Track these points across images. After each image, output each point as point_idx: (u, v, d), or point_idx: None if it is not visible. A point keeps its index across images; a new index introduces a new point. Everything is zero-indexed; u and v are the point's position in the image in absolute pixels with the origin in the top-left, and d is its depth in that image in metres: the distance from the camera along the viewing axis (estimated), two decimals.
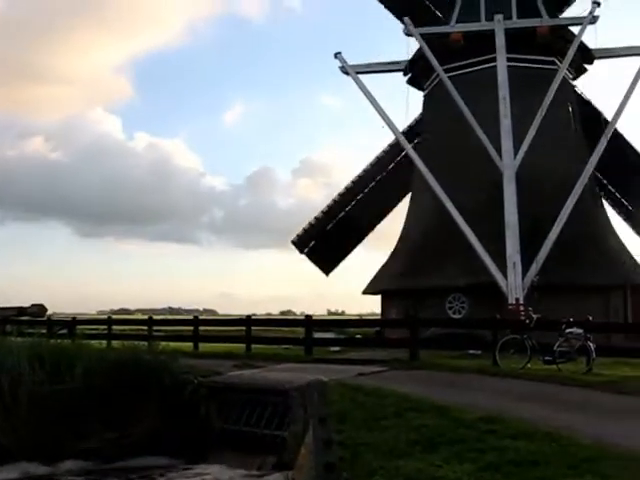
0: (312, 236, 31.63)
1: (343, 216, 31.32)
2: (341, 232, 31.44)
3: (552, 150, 25.59)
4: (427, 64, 26.87)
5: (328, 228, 31.43)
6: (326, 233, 31.47)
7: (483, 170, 24.77)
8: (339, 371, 13.80)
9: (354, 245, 33.25)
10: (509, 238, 23.12)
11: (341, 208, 31.34)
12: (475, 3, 28.03)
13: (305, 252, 31.72)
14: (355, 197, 31.32)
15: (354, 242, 33.13)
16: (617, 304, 25.54)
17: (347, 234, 31.85)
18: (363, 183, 31.33)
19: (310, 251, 31.85)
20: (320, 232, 31.50)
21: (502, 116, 24.45)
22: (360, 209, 31.36)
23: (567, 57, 25.76)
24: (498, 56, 25.49)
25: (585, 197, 25.26)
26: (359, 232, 32.83)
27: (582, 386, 12.58)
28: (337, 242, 31.87)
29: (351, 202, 31.35)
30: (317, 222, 31.43)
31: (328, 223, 31.46)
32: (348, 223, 31.39)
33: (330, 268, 33.10)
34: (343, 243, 32.43)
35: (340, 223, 31.40)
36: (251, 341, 21.35)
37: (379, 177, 31.32)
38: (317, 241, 31.65)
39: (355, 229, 32.16)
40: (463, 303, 24.65)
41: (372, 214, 32.36)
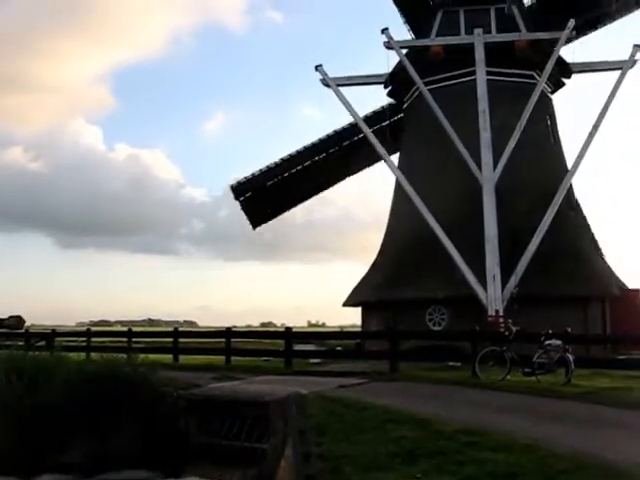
0: (251, 187, 31.66)
1: (285, 178, 31.32)
2: (279, 192, 31.56)
3: (531, 163, 25.78)
4: (407, 77, 27.00)
5: (268, 184, 31.43)
6: (265, 188, 31.48)
7: (463, 182, 24.90)
8: (319, 383, 13.78)
9: (287, 208, 33.75)
10: (489, 251, 23.26)
11: (285, 170, 31.26)
12: (455, 17, 28.24)
13: (240, 200, 31.75)
14: (302, 164, 31.24)
15: (288, 205, 33.55)
16: (596, 315, 25.72)
17: (284, 196, 32.10)
18: (313, 153, 31.28)
19: (245, 200, 31.88)
20: (259, 186, 31.50)
21: (482, 129, 24.64)
22: (303, 176, 31.38)
23: (545, 71, 26.02)
24: (478, 69, 25.70)
25: (564, 209, 25.48)
26: (296, 198, 33.18)
27: (561, 397, 12.68)
28: (273, 200, 32.16)
29: (296, 167, 31.29)
30: (259, 175, 31.43)
31: (269, 180, 31.43)
32: (288, 186, 31.45)
33: (259, 222, 33.51)
34: (278, 203, 32.77)
35: (280, 183, 31.41)
36: (231, 353, 21.34)
37: (331, 151, 31.32)
38: (254, 193, 31.67)
39: (293, 194, 32.43)
40: (443, 315, 24.71)
41: (313, 185, 32.67)
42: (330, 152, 31.39)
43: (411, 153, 28.79)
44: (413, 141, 29.00)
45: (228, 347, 21.49)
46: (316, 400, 10.44)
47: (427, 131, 26.97)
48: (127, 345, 23.43)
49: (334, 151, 31.40)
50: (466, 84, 26.29)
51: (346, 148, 31.17)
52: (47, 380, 8.95)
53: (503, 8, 27.77)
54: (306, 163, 31.31)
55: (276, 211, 33.57)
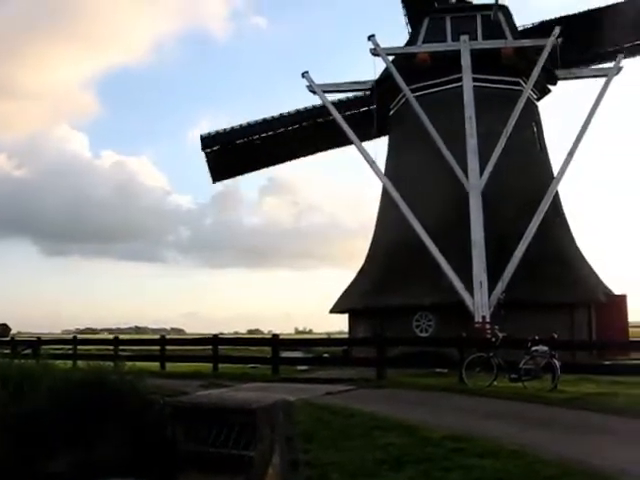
0: (221, 141, 31.22)
1: (256, 140, 30.91)
2: (247, 153, 31.22)
3: (517, 169, 25.88)
4: (393, 84, 27.06)
5: (238, 142, 31.06)
6: (234, 146, 31.06)
7: (449, 189, 24.96)
8: (306, 390, 13.79)
9: (251, 170, 33.62)
10: (475, 257, 23.33)
11: (257, 132, 30.88)
12: (441, 24, 28.36)
13: (206, 151, 31.22)
14: (275, 130, 30.92)
15: (252, 167, 33.32)
16: (582, 321, 25.81)
17: (252, 157, 31.74)
18: (287, 122, 30.93)
19: (212, 153, 31.34)
20: (229, 142, 31.09)
21: (468, 135, 24.72)
22: (274, 142, 31.01)
23: (531, 78, 26.16)
24: (464, 76, 25.81)
25: (550, 215, 25.56)
26: (262, 161, 32.89)
27: (547, 403, 12.73)
28: (239, 159, 31.76)
29: (269, 132, 30.95)
30: (231, 131, 31.07)
31: (240, 139, 31.08)
32: (258, 149, 31.11)
33: (220, 177, 33.08)
34: (244, 163, 32.42)
35: (250, 144, 31.02)
36: (218, 360, 21.28)
37: (305, 124, 31.04)
38: (222, 148, 31.18)
39: (261, 157, 32.11)
40: (430, 321, 24.75)
41: (282, 152, 32.25)
42: (304, 125, 31.01)
43: (398, 159, 28.83)
44: (399, 147, 29.05)
45: (215, 354, 21.45)
46: (303, 407, 10.43)
47: (414, 138, 27.03)
48: (114, 353, 23.35)
49: (308, 125, 31.04)
50: (452, 91, 26.38)
51: (321, 125, 30.61)
52: (33, 388, 8.91)
53: (489, 15, 27.92)
54: (279, 130, 30.92)
55: (240, 170, 33.16)
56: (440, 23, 28.46)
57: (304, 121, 30.85)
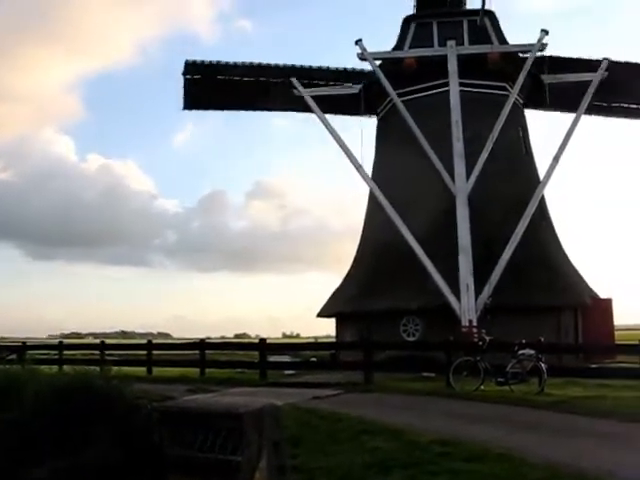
0: (203, 72, 30.38)
1: (238, 82, 30.01)
2: (226, 90, 30.31)
3: (504, 173, 25.98)
4: (380, 88, 27.13)
5: (218, 77, 30.18)
6: (215, 80, 30.18)
7: (436, 193, 25.03)
8: (293, 395, 13.76)
9: (223, 108, 32.35)
10: (462, 261, 23.40)
11: (241, 74, 30.06)
12: (428, 29, 28.44)
13: (186, 77, 30.22)
14: (257, 77, 30.02)
15: (227, 106, 32.05)
16: (568, 324, 25.91)
17: (229, 96, 30.72)
18: (272, 74, 29.91)
19: (191, 80, 30.33)
20: (211, 75, 30.29)
21: (455, 140, 24.82)
22: (256, 89, 29.96)
23: (517, 83, 26.31)
24: (451, 81, 25.92)
25: (536, 219, 25.67)
26: (238, 103, 31.55)
27: (534, 407, 12.76)
28: (216, 94, 30.75)
29: (250, 77, 29.97)
30: (217, 65, 30.25)
31: (222, 75, 30.24)
32: (237, 90, 30.21)
33: (191, 106, 31.55)
34: (220, 99, 31.20)
35: (230, 83, 30.14)
36: (205, 365, 21.22)
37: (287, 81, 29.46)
38: (203, 78, 30.32)
39: (238, 99, 30.95)
40: (417, 325, 24.78)
41: (260, 101, 30.83)
42: (286, 82, 29.61)
43: (385, 163, 28.88)
44: (387, 151, 29.09)
45: (202, 359, 21.39)
46: (291, 412, 10.41)
47: (401, 142, 27.06)
48: (100, 358, 23.20)
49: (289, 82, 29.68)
50: (439, 95, 26.47)
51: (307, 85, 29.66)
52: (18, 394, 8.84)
53: (475, 20, 28.05)
54: (261, 78, 29.97)
55: (213, 105, 32.11)
56: (427, 28, 28.54)
57: (288, 77, 29.57)
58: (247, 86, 30.03)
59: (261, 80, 29.95)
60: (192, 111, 31.72)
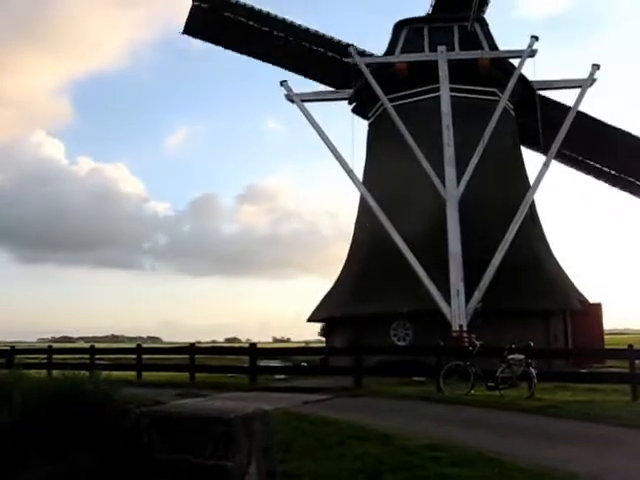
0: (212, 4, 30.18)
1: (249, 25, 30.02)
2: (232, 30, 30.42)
3: (494, 178, 26.06)
4: (372, 93, 27.18)
5: (226, 15, 29.97)
6: (222, 17, 30.07)
7: (427, 198, 25.04)
8: (284, 399, 13.74)
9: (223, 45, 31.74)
10: (452, 266, 23.45)
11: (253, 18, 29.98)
12: (419, 34, 28.54)
13: (195, 3, 29.89)
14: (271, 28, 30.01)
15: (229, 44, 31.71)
16: (558, 329, 26.03)
17: (234, 36, 30.80)
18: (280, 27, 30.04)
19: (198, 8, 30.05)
20: (221, 8, 30.09)
21: (445, 145, 24.90)
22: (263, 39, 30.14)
23: (507, 88, 26.41)
24: (441, 86, 26.02)
25: (526, 224, 25.77)
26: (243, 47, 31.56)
27: (524, 411, 12.80)
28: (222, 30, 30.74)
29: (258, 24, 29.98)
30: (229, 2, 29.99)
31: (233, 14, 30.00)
32: (245, 33, 30.24)
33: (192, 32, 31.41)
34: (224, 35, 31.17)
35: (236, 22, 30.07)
36: (195, 369, 21.16)
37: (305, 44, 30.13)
38: (210, 10, 30.12)
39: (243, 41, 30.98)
40: (407, 330, 24.81)
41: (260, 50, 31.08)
42: (303, 44, 30.17)
43: (376, 167, 28.91)
44: (378, 156, 29.14)
45: (192, 363, 21.33)
46: (281, 416, 10.39)
47: (392, 146, 27.11)
48: (90, 362, 23.16)
49: (295, 44, 30.25)
50: (430, 100, 26.58)
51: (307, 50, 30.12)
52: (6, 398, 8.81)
53: (466, 26, 28.17)
54: (265, 28, 30.03)
55: (215, 39, 31.80)
56: (418, 33, 28.64)
57: (294, 38, 29.98)
58: (256, 31, 30.08)
59: (265, 30, 30.01)
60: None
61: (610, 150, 30.56)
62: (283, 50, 30.21)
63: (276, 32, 29.93)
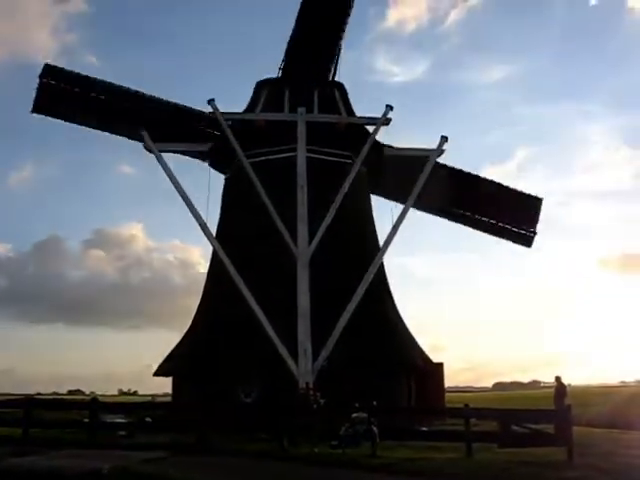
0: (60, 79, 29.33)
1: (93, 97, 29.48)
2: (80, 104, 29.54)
3: (346, 238, 26.78)
4: (230, 148, 27.35)
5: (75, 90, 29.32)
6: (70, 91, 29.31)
7: (280, 255, 25.31)
8: (124, 457, 13.35)
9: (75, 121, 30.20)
10: (301, 324, 23.70)
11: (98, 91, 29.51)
12: (281, 94, 29.13)
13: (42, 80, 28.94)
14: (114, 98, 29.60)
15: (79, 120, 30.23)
16: (403, 387, 26.72)
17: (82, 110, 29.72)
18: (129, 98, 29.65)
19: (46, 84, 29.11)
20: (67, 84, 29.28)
21: (299, 204, 25.31)
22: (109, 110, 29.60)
23: (361, 153, 27.34)
24: (299, 146, 26.53)
25: (376, 284, 26.50)
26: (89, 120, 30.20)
27: (364, 469, 13.10)
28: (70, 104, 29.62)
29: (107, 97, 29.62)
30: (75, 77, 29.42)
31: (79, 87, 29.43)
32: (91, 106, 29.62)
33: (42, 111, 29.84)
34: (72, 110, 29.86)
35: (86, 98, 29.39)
36: (31, 425, 20.07)
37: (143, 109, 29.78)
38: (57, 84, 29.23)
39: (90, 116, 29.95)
40: (255, 387, 24.68)
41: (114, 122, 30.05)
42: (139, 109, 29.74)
43: (230, 223, 28.93)
44: (233, 210, 29.22)
45: (28, 418, 20.22)
46: (119, 476, 10.11)
47: (247, 202, 27.32)
48: None
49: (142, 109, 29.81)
50: (287, 159, 27.00)
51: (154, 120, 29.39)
52: None
53: (326, 90, 29.12)
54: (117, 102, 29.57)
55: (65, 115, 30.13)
56: (279, 93, 29.22)
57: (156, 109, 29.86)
58: (100, 105, 29.64)
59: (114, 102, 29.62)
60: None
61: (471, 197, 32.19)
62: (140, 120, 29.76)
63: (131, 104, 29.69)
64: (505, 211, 32.45)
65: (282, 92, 29.25)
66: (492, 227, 32.70)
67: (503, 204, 32.21)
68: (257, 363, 23.85)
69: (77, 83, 29.58)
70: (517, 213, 32.61)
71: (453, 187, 30.99)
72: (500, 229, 32.68)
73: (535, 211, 32.53)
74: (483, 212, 32.50)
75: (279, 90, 29.47)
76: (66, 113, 30.11)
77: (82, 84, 29.52)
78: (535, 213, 32.55)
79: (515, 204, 32.19)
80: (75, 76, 29.62)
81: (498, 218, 32.54)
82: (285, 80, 30.03)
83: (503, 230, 32.69)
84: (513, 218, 32.64)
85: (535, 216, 32.56)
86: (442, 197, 31.15)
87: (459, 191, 31.52)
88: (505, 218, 32.55)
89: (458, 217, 32.89)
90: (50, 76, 29.38)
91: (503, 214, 32.49)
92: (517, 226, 32.71)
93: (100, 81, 29.71)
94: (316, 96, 28.98)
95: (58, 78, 29.52)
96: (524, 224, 32.65)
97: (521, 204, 32.29)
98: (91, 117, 30.13)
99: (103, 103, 29.65)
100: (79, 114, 30.08)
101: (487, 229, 32.79)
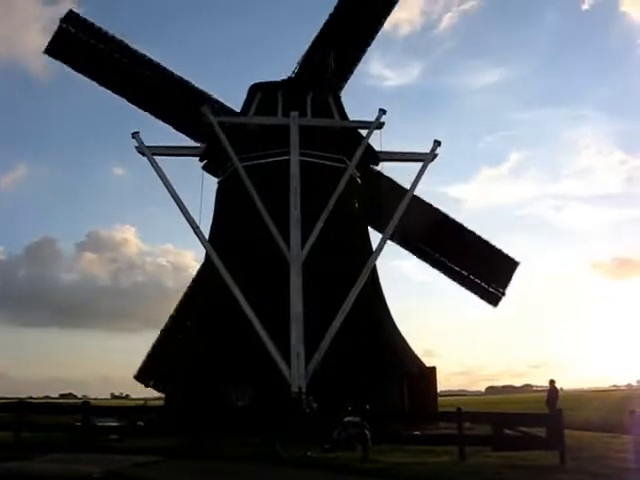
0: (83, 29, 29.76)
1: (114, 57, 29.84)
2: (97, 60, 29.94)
3: (339, 243, 26.77)
4: (223, 151, 27.35)
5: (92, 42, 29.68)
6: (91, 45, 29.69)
7: (273, 259, 25.31)
8: (116, 461, 13.30)
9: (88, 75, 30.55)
10: (294, 328, 23.70)
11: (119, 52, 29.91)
12: (274, 98, 29.17)
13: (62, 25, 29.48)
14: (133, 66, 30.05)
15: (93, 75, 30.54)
16: (395, 391, 26.68)
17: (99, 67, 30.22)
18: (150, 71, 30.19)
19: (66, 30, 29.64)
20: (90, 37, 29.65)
21: (292, 208, 25.31)
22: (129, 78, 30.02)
23: (354, 157, 27.39)
24: (291, 150, 26.54)
25: (368, 288, 26.50)
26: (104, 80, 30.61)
27: (356, 473, 13.06)
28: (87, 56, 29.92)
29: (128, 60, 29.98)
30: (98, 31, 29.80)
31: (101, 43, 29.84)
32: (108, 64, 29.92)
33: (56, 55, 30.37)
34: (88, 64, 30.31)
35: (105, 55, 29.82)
36: (22, 428, 19.96)
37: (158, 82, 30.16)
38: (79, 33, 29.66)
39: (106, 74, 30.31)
40: (248, 390, 24.62)
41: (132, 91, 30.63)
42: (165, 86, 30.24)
43: (223, 226, 28.92)
44: (226, 214, 29.20)
45: (19, 421, 20.11)
46: None
47: (241, 206, 27.32)
48: None
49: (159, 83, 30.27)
50: (281, 163, 27.03)
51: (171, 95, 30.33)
52: None
53: (319, 94, 29.16)
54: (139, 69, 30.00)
55: (80, 67, 30.59)
56: (272, 97, 29.27)
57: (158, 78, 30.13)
58: (114, 64, 29.89)
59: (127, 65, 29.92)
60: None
61: (455, 246, 32.15)
62: (142, 87, 30.16)
63: (139, 69, 29.93)
64: (481, 267, 32.27)
65: (275, 96, 29.28)
66: (464, 279, 32.44)
67: (481, 259, 32.02)
68: (250, 367, 23.80)
69: (94, 35, 29.83)
70: (492, 271, 32.37)
71: (435, 229, 31.17)
72: (471, 283, 32.42)
73: (510, 273, 32.37)
74: (459, 262, 32.34)
75: (272, 94, 29.50)
76: (77, 62, 30.50)
77: (99, 37, 29.75)
78: (509, 275, 32.39)
79: (493, 262, 32.03)
80: (94, 28, 29.87)
81: (472, 272, 32.32)
82: (278, 84, 30.06)
83: (474, 284, 32.41)
84: (487, 275, 32.40)
85: (509, 278, 32.40)
86: (422, 236, 31.43)
87: (441, 235, 31.69)
88: (479, 273, 32.32)
89: (434, 261, 32.72)
90: (70, 22, 29.76)
91: (478, 269, 32.31)
92: (488, 283, 32.41)
93: (118, 40, 29.93)
94: (309, 100, 29.02)
95: (77, 26, 29.86)
96: (496, 283, 32.44)
97: (499, 263, 32.11)
98: (103, 75, 30.42)
99: (117, 63, 29.88)
100: (91, 68, 30.41)
101: (459, 280, 32.52)
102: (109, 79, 30.51)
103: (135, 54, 30.06)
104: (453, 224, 31.71)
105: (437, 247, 32.37)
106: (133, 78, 30.04)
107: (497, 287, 32.37)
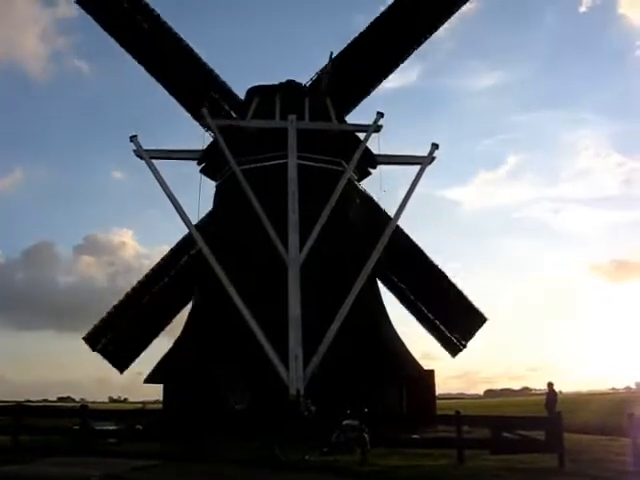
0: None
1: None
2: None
3: (337, 246, 26.73)
4: (221, 154, 27.37)
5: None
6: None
7: (272, 262, 25.31)
8: (114, 465, 13.27)
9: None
10: (292, 331, 23.68)
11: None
12: (271, 102, 29.18)
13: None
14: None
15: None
16: (394, 394, 26.72)
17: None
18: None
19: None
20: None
21: (290, 211, 25.32)
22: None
23: (352, 160, 27.42)
24: (289, 153, 26.58)
25: (366, 290, 26.49)
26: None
27: (355, 476, 13.05)
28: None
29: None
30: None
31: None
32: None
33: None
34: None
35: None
36: (20, 431, 19.93)
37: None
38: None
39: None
40: (246, 393, 24.61)
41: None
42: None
43: (221, 229, 28.85)
44: (224, 217, 29.18)
45: (17, 425, 20.08)
46: None
47: (239, 209, 27.32)
48: None
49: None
50: (279, 166, 27.03)
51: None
52: None
53: (317, 98, 29.15)
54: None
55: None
56: (270, 101, 29.26)
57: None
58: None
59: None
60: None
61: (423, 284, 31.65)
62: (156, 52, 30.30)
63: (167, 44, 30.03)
64: (449, 314, 31.71)
65: (273, 99, 29.29)
66: (429, 322, 31.78)
67: (450, 306, 31.45)
68: (248, 370, 23.77)
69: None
70: (459, 321, 31.77)
71: (408, 265, 31.07)
72: (435, 327, 31.78)
73: (476, 328, 31.83)
74: (428, 304, 31.73)
75: (270, 97, 29.50)
76: (106, 19, 30.25)
77: (133, 2, 29.63)
78: (475, 329, 31.87)
79: (461, 312, 31.44)
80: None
81: (439, 317, 31.68)
82: (276, 87, 30.08)
83: (438, 330, 31.79)
84: (452, 324, 31.74)
85: (473, 332, 31.89)
86: (395, 269, 31.07)
87: (414, 274, 31.42)
88: (445, 320, 31.69)
89: (403, 297, 32.03)
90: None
91: (445, 316, 31.71)
92: (452, 333, 31.81)
93: (151, 9, 29.88)
94: (307, 103, 29.04)
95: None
96: (459, 334, 31.83)
97: (467, 315, 31.52)
98: (129, 40, 30.41)
99: (144, 33, 29.93)
100: (118, 29, 30.29)
101: (424, 321, 31.90)
102: (129, 39, 30.46)
103: (158, 19, 29.95)
104: (430, 266, 31.19)
105: (409, 285, 31.82)
106: (150, 41, 30.05)
107: (460, 339, 31.76)
